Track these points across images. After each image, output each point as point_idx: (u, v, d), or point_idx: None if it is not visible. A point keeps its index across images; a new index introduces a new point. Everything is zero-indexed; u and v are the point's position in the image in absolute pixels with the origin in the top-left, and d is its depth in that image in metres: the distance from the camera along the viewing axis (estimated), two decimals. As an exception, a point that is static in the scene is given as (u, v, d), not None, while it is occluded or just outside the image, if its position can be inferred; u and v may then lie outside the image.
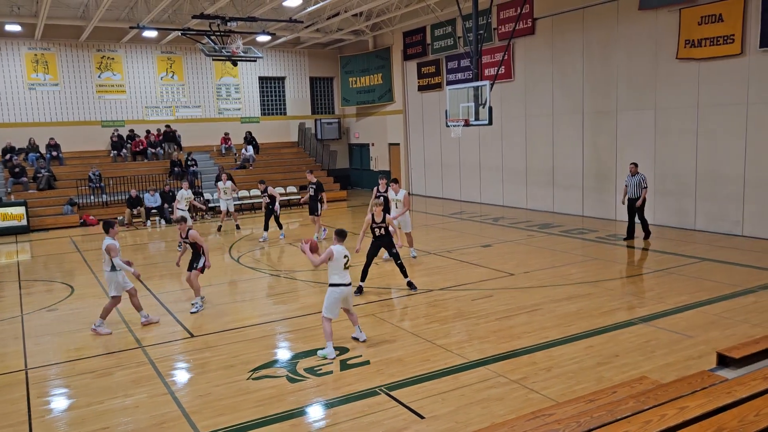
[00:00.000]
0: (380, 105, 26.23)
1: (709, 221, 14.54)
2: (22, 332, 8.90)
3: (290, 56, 27.67)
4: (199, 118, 25.72)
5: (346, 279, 7.50)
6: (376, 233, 10.20)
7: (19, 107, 22.51)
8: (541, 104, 18.62)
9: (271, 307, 10.03)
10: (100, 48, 23.64)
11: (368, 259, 10.26)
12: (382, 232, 10.19)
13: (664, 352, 7.10)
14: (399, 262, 10.24)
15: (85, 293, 11.13)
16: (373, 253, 10.29)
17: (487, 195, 21.23)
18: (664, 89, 15.11)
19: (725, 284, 9.98)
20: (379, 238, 10.23)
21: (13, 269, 13.60)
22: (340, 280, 7.44)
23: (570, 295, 9.69)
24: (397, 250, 10.38)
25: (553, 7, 17.79)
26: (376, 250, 10.32)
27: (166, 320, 9.26)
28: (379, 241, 10.26)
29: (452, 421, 5.61)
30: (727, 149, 13.98)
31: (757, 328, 7.82)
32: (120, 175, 21.99)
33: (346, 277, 7.50)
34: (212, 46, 17.81)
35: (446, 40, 21.85)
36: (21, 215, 18.77)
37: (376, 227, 10.14)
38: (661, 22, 14.94)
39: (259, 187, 16.56)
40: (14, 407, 6.32)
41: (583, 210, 17.73)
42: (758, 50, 13.09)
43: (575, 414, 3.78)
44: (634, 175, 13.47)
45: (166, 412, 6.05)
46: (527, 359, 7.07)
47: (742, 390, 3.85)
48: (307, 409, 6.05)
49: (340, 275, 7.44)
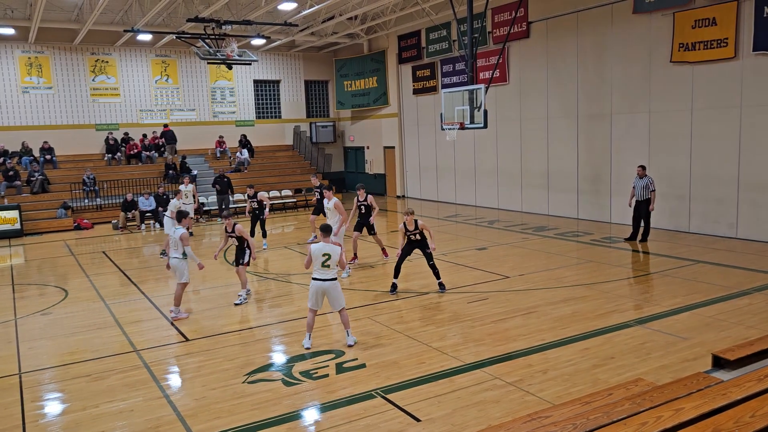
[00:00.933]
0: (375, 108, 26.25)
1: (704, 224, 14.60)
2: (16, 336, 8.85)
3: (285, 59, 27.67)
4: (193, 121, 25.67)
5: (325, 275, 7.63)
6: (412, 239, 10.36)
7: (12, 111, 22.42)
8: (536, 107, 18.68)
9: (266, 310, 10.01)
10: (94, 51, 23.57)
11: (401, 258, 10.46)
12: (418, 237, 10.32)
13: (660, 354, 7.12)
14: (431, 263, 10.40)
15: (78, 297, 11.07)
16: (407, 252, 10.47)
17: (482, 198, 21.26)
18: (658, 92, 15.18)
19: (720, 286, 10.02)
20: (415, 242, 10.40)
21: (6, 273, 13.53)
22: (315, 275, 7.69)
23: (565, 297, 9.71)
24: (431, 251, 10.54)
25: (548, 10, 17.86)
26: (411, 250, 10.48)
27: (160, 324, 9.23)
28: (415, 245, 10.44)
29: (448, 424, 5.60)
30: (721, 152, 14.05)
31: (752, 330, 7.85)
32: (114, 178, 21.93)
33: (324, 273, 7.63)
34: (207, 50, 17.80)
35: (441, 43, 21.90)
36: (14, 219, 18.67)
37: (411, 234, 10.30)
38: (655, 25, 15.02)
39: (248, 192, 15.39)
40: (8, 412, 6.28)
41: (577, 213, 17.77)
42: (751, 54, 13.17)
43: (571, 416, 3.79)
44: (642, 177, 13.58)
45: (161, 416, 6.02)
46: (523, 362, 7.07)
47: (738, 391, 3.86)
48: (303, 413, 6.03)
49: (318, 271, 7.66)
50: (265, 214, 15.22)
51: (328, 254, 7.59)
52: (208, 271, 13.04)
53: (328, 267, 7.62)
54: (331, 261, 7.62)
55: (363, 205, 12.77)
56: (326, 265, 7.61)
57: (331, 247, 7.66)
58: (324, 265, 7.60)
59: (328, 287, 7.66)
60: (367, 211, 12.77)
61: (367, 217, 12.73)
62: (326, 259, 7.59)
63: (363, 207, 12.78)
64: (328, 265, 7.61)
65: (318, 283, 7.66)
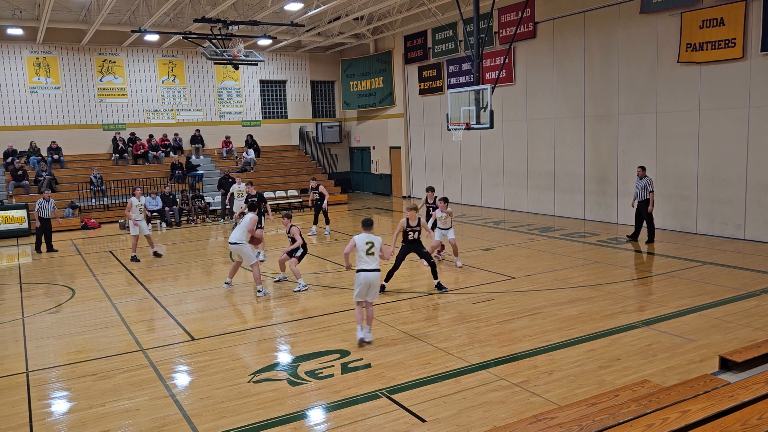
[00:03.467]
0: (381, 108, 26.25)
1: (711, 225, 14.53)
2: (23, 335, 8.90)
3: (291, 60, 27.71)
4: (200, 121, 25.74)
5: (370, 264, 7.70)
6: (410, 237, 10.35)
7: (20, 110, 22.55)
8: (542, 108, 18.63)
9: (271, 310, 10.02)
10: (101, 51, 23.68)
11: (398, 264, 10.49)
12: (416, 236, 10.35)
13: (666, 356, 7.09)
14: (432, 261, 10.47)
15: (86, 296, 11.12)
16: (404, 255, 10.48)
17: (489, 198, 21.23)
18: (666, 93, 15.11)
19: (727, 288, 9.96)
20: (411, 243, 10.40)
21: (14, 272, 13.61)
22: (361, 265, 7.73)
23: (571, 298, 9.68)
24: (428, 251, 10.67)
25: (554, 11, 17.82)
26: (407, 252, 10.50)
27: (166, 323, 9.26)
28: (412, 247, 10.43)
29: (453, 425, 5.59)
30: (728, 153, 13.98)
31: (759, 332, 7.80)
32: (121, 178, 22.02)
33: (369, 263, 7.70)
34: (213, 50, 17.84)
35: (447, 43, 21.88)
36: (22, 218, 18.79)
37: (411, 230, 10.31)
38: (663, 25, 14.96)
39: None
40: (15, 410, 6.31)
41: (584, 213, 17.72)
42: (759, 54, 13.09)
43: (577, 417, 3.77)
44: (642, 178, 13.69)
45: (167, 415, 6.04)
46: (528, 363, 7.05)
47: (745, 393, 3.84)
48: (308, 413, 6.03)
49: (364, 261, 7.72)
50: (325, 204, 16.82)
51: (372, 242, 7.77)
52: (214, 271, 13.08)
53: (372, 255, 7.74)
54: (375, 249, 7.75)
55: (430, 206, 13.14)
56: (370, 253, 7.73)
57: (374, 236, 7.85)
58: (368, 253, 7.72)
59: (374, 279, 7.74)
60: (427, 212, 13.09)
61: None
62: (370, 247, 7.73)
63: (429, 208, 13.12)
64: (372, 252, 7.74)
65: (365, 274, 7.71)
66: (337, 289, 10.99)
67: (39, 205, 15.63)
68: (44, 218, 15.64)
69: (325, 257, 13.95)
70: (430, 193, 13.44)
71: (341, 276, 11.94)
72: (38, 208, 15.62)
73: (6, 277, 13.11)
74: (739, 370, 4.49)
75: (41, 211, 15.58)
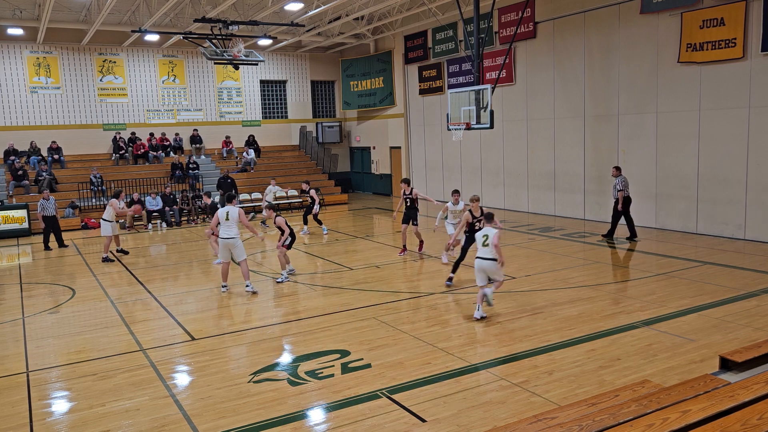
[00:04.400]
0: (381, 108, 26.25)
1: (711, 225, 14.53)
2: (24, 335, 8.90)
3: (291, 60, 27.72)
4: (200, 121, 25.75)
5: (486, 254, 8.68)
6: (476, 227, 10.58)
7: (21, 110, 22.56)
8: (543, 108, 18.63)
9: (271, 310, 10.02)
10: (101, 51, 23.69)
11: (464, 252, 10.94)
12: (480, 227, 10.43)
13: (666, 356, 7.08)
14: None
15: (86, 296, 11.12)
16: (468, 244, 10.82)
17: (489, 198, 21.22)
18: (666, 93, 15.11)
19: (727, 288, 9.96)
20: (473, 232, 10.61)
21: (14, 272, 13.61)
22: (479, 254, 8.77)
23: (571, 298, 9.68)
24: None
25: (555, 11, 17.81)
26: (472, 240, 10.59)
27: (167, 323, 9.26)
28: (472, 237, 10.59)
29: (454, 425, 5.59)
30: (728, 153, 13.97)
31: (760, 332, 7.80)
32: (121, 178, 22.02)
33: (485, 252, 8.68)
34: (214, 50, 17.85)
35: (447, 43, 21.88)
36: (22, 218, 18.79)
37: (476, 221, 10.65)
38: (663, 25, 14.95)
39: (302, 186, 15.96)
40: (15, 410, 6.32)
41: (584, 213, 17.72)
42: (760, 54, 13.09)
43: (577, 417, 3.77)
44: (615, 177, 14.22)
45: (167, 415, 6.04)
46: (529, 363, 7.05)
47: (745, 394, 3.84)
48: (309, 413, 6.03)
49: (480, 250, 8.77)
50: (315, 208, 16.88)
51: (487, 235, 8.72)
52: (211, 271, 13.07)
53: (487, 246, 8.66)
54: (489, 240, 8.64)
55: (408, 198, 13.50)
56: (485, 245, 8.68)
57: (489, 229, 8.81)
58: (484, 245, 8.69)
59: (488, 266, 8.67)
60: (412, 203, 13.49)
61: (413, 210, 13.45)
62: (485, 240, 8.70)
63: (408, 200, 13.50)
64: (487, 244, 8.66)
65: (480, 261, 8.71)
66: (337, 289, 10.99)
67: (41, 206, 15.75)
68: (48, 216, 15.81)
69: (325, 257, 13.94)
70: (405, 185, 13.71)
71: (341, 276, 11.95)
72: (40, 209, 15.75)
73: (6, 277, 13.12)
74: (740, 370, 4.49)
75: (44, 210, 15.72)
